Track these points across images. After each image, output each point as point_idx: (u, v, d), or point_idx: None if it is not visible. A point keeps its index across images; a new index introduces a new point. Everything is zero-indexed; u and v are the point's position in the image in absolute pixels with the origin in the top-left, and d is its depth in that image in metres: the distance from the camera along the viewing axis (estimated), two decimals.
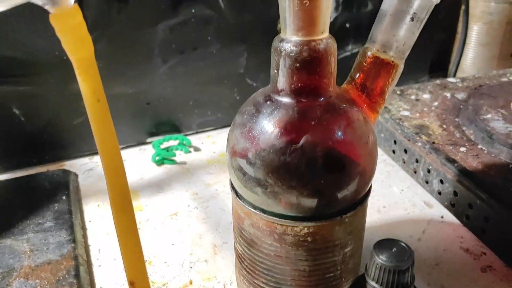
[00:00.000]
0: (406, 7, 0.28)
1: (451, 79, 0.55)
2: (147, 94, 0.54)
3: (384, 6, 0.29)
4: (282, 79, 0.27)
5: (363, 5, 0.59)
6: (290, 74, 0.27)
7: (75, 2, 0.21)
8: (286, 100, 0.27)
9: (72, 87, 0.49)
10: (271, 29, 0.55)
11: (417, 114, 0.47)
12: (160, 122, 0.56)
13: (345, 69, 0.31)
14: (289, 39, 0.26)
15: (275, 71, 0.27)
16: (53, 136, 0.51)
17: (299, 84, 0.27)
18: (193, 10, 0.51)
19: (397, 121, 0.46)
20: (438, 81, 0.54)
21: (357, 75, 0.30)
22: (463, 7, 0.62)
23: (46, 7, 0.21)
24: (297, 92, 0.27)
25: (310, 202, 0.27)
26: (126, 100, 0.53)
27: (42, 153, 0.52)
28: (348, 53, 0.61)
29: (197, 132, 0.58)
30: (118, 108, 0.53)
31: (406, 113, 0.47)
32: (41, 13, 0.21)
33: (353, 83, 0.30)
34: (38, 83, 0.48)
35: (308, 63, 0.26)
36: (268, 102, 0.28)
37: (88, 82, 0.21)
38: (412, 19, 0.28)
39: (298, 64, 0.26)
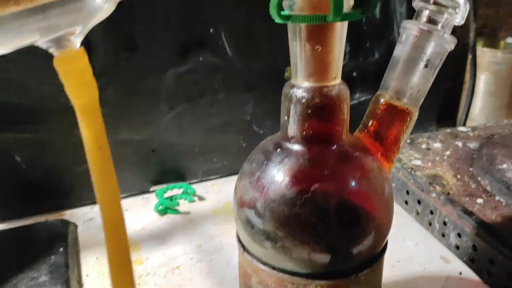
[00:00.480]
0: (420, 53, 0.27)
1: (461, 128, 0.54)
2: (152, 141, 0.53)
3: (397, 52, 0.28)
4: (293, 126, 0.26)
5: (370, 54, 0.59)
6: (301, 121, 0.26)
7: (81, 45, 0.20)
8: (297, 147, 0.26)
9: (76, 134, 0.48)
10: (279, 76, 0.55)
11: (429, 164, 0.46)
12: (165, 169, 0.55)
13: (353, 117, 0.30)
14: (300, 85, 0.26)
15: (286, 117, 0.26)
16: (54, 184, 0.50)
17: (311, 131, 0.26)
18: (201, 58, 0.51)
19: (409, 170, 0.45)
20: (448, 130, 0.53)
21: (370, 122, 0.29)
22: (470, 56, 0.62)
23: (51, 50, 0.20)
24: (309, 140, 0.26)
25: (323, 258, 0.25)
26: (132, 147, 0.52)
27: (42, 201, 0.50)
28: (355, 101, 0.60)
29: (202, 180, 0.57)
30: (123, 155, 0.52)
31: (418, 162, 0.46)
32: (47, 59, 0.20)
33: (366, 131, 0.29)
34: (42, 130, 0.47)
35: (320, 110, 0.25)
36: (278, 150, 0.27)
37: (90, 129, 0.20)
38: (426, 66, 0.27)
39: (309, 111, 0.25)
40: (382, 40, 0.59)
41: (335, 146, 0.26)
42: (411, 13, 0.28)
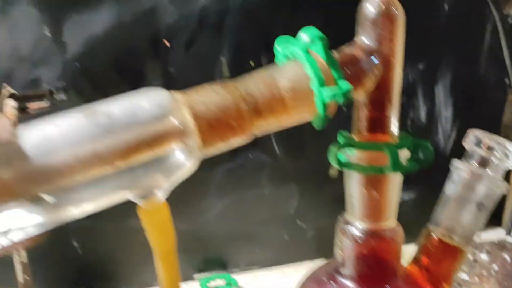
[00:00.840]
0: (471, 195, 0.28)
1: (509, 239, 0.53)
2: (199, 230, 0.55)
3: (448, 191, 0.29)
4: (347, 263, 0.27)
5: None
6: (354, 259, 0.27)
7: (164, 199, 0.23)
8: (350, 284, 0.27)
9: (129, 223, 0.51)
10: (324, 174, 0.56)
11: (476, 278, 0.45)
12: (208, 258, 0.56)
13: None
14: (355, 224, 0.27)
15: (340, 251, 0.28)
16: (106, 268, 0.52)
17: (364, 270, 0.27)
18: (250, 155, 0.54)
19: (457, 286, 0.44)
20: (495, 240, 0.53)
21: (422, 257, 0.29)
22: None
23: (136, 200, 0.22)
24: (361, 278, 0.27)
25: None
26: (178, 235, 0.54)
27: (93, 283, 0.52)
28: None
29: (243, 270, 0.58)
30: None
31: (465, 276, 0.45)
32: None
33: (417, 265, 0.30)
34: (99, 217, 0.50)
35: (374, 250, 0.27)
36: (332, 283, 0.28)
37: (167, 271, 0.22)
38: (477, 208, 0.28)
39: (363, 251, 0.27)
40: None
41: (387, 284, 0.27)
42: (456, 118, 0.29)
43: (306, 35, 0.23)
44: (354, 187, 0.27)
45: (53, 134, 0.20)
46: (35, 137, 0.20)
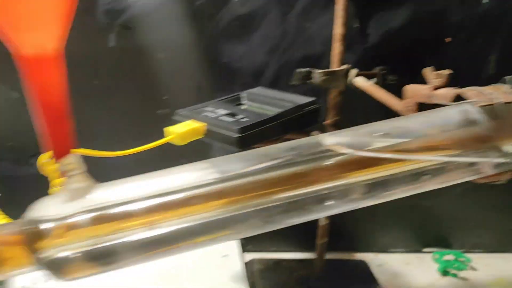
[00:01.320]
0: None
1: None
2: (435, 209, 0.61)
3: None
4: None
5: None
6: None
7: None
8: None
9: None
10: None
11: None
12: (438, 235, 0.63)
13: None
14: None
15: None
16: (349, 231, 0.61)
17: None
18: None
19: None
20: None
21: None
22: None
23: None
24: None
25: None
26: (415, 211, 0.61)
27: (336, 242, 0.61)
28: None
29: (467, 252, 0.63)
30: (404, 215, 0.61)
31: None
32: None
33: None
34: None
35: None
36: None
37: None
38: None
39: None
40: None
41: None
42: None
43: None
44: None
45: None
46: None
